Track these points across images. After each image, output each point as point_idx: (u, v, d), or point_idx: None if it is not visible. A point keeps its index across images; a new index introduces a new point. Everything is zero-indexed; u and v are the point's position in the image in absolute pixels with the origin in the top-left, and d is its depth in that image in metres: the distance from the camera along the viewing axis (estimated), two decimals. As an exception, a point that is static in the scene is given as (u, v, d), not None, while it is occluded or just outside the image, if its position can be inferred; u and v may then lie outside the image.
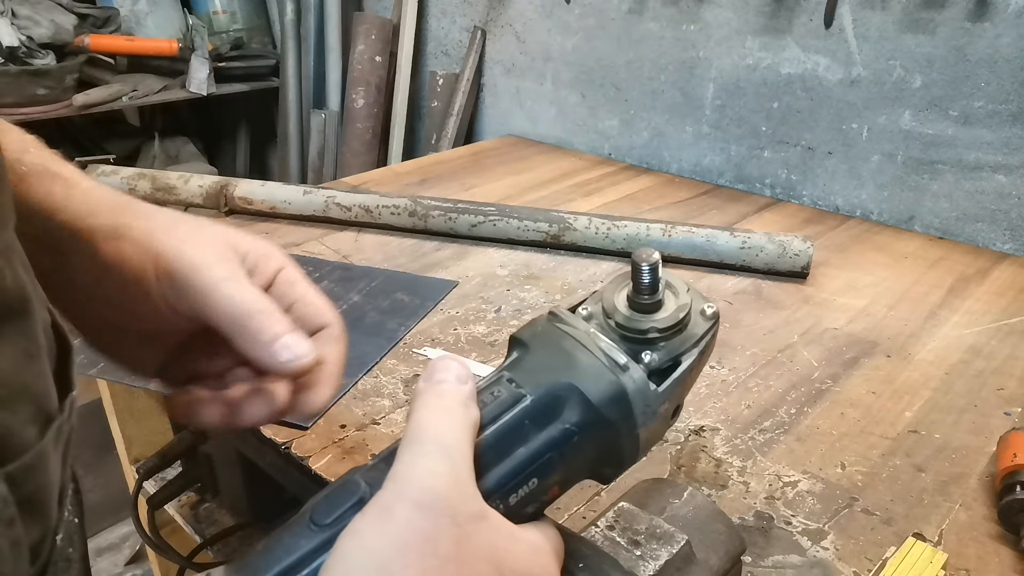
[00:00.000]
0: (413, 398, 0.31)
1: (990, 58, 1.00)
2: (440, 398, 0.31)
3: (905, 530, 0.54)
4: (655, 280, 0.36)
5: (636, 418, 0.34)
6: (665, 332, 0.36)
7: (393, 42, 1.76)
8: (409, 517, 0.27)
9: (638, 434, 0.34)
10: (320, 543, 0.28)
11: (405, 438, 0.29)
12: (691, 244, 0.94)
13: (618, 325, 0.36)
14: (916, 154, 1.10)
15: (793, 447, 0.63)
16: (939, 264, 0.99)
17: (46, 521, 0.28)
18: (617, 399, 0.34)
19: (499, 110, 1.66)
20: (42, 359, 0.28)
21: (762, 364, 0.75)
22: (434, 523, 0.27)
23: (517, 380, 0.34)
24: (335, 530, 0.28)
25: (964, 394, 0.71)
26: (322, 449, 0.60)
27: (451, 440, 0.29)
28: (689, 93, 1.32)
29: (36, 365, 0.28)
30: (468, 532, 0.28)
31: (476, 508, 0.29)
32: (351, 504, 0.29)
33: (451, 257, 0.96)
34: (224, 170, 2.28)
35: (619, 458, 0.36)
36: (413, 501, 0.27)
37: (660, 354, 0.35)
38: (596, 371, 0.34)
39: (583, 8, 1.41)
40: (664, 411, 0.36)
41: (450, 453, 0.29)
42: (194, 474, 0.84)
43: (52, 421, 0.28)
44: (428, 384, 0.31)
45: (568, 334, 0.35)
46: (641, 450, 0.36)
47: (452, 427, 0.30)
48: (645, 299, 0.36)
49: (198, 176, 1.09)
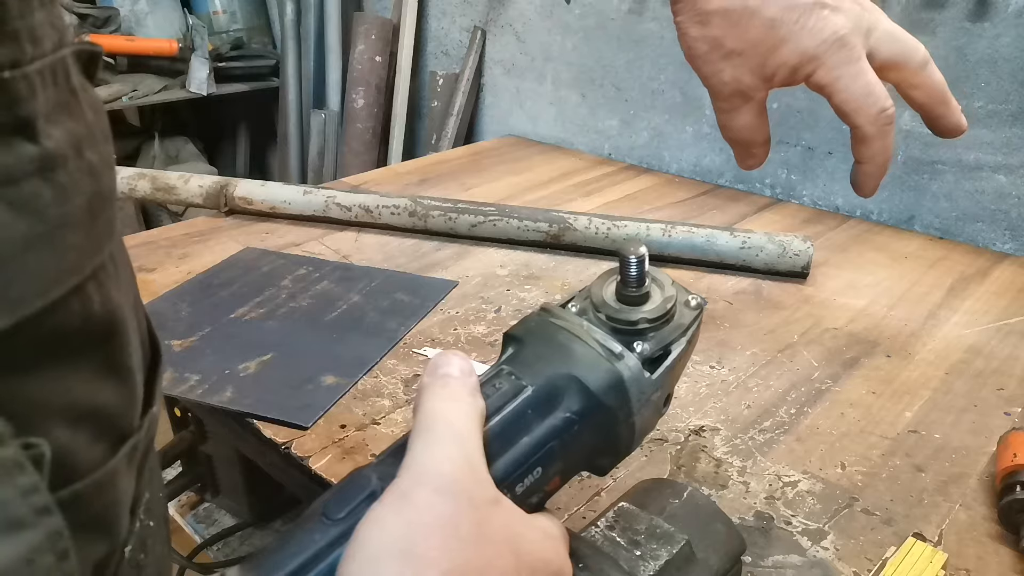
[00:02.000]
0: (418, 392, 0.31)
1: (990, 58, 1.00)
2: (447, 388, 0.31)
3: (905, 530, 0.54)
4: (642, 273, 0.37)
5: (632, 405, 0.35)
6: (655, 322, 0.37)
7: (393, 42, 1.76)
8: (429, 501, 0.27)
9: (634, 421, 0.36)
10: (336, 536, 0.28)
11: (415, 428, 0.30)
12: (691, 244, 0.94)
13: (608, 318, 0.37)
14: (916, 154, 1.10)
15: (793, 447, 0.63)
16: (939, 264, 0.99)
17: (114, 538, 0.27)
18: (615, 386, 0.35)
19: (499, 110, 1.66)
20: (127, 380, 0.27)
21: (762, 364, 0.75)
22: (454, 506, 0.27)
23: (516, 373, 0.35)
24: (350, 523, 0.28)
25: (964, 394, 0.71)
26: (322, 449, 0.60)
27: (462, 427, 0.29)
28: (689, 93, 1.32)
29: (117, 386, 0.27)
30: (486, 515, 0.28)
31: (492, 493, 0.29)
32: (364, 497, 0.29)
33: (451, 257, 0.96)
34: (224, 170, 2.28)
35: (616, 447, 0.37)
36: (431, 486, 0.27)
37: (651, 343, 0.37)
38: (593, 360, 0.35)
39: (583, 8, 1.41)
40: (657, 399, 0.37)
41: (463, 440, 0.29)
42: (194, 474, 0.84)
43: (127, 439, 0.27)
44: (433, 377, 0.32)
45: (562, 327, 0.37)
46: (636, 439, 0.37)
47: (462, 415, 0.30)
48: (633, 291, 0.37)
49: (198, 176, 1.09)
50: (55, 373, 0.23)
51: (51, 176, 0.22)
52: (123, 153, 2.08)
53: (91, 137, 0.24)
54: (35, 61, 0.21)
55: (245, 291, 0.84)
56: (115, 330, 0.26)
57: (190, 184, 1.07)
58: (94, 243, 0.24)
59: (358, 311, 0.81)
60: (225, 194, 1.05)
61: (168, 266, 0.91)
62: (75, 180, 0.23)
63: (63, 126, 0.22)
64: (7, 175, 0.20)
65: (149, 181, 1.07)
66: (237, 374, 0.69)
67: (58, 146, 0.22)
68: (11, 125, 0.20)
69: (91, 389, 0.25)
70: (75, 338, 0.24)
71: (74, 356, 0.24)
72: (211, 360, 0.71)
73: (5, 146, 0.20)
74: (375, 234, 1.02)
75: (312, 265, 0.91)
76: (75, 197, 0.23)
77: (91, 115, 0.25)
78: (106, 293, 0.25)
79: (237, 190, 1.05)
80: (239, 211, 1.06)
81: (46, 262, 0.22)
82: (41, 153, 0.21)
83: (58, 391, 0.23)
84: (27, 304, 0.21)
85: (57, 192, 0.22)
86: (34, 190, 0.21)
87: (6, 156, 0.20)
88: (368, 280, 0.88)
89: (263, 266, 0.91)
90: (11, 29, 0.20)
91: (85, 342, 0.24)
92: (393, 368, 0.71)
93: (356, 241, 1.00)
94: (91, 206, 0.24)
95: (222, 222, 1.05)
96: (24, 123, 0.21)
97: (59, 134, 0.22)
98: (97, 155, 0.25)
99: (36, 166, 0.21)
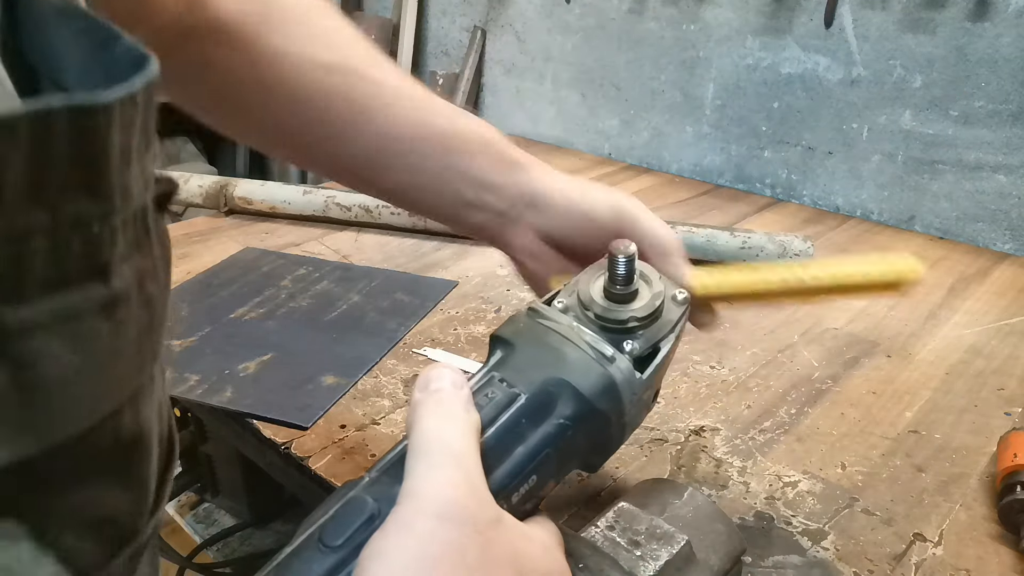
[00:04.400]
0: (411, 408, 0.31)
1: (990, 58, 1.00)
2: (440, 405, 0.30)
3: (905, 530, 0.54)
4: (631, 271, 0.37)
5: (624, 406, 0.35)
6: (644, 321, 0.37)
7: (393, 42, 1.76)
8: (432, 529, 0.26)
9: (625, 422, 0.36)
10: (334, 565, 0.27)
11: (412, 449, 0.29)
12: (691, 244, 0.94)
13: (597, 316, 0.37)
14: (916, 154, 1.10)
15: (793, 447, 0.63)
16: (939, 264, 0.99)
17: None
18: (607, 390, 0.34)
19: (499, 110, 1.66)
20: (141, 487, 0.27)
21: (762, 364, 0.75)
22: (459, 532, 0.26)
23: (508, 379, 0.34)
24: (347, 550, 0.27)
25: (964, 394, 0.71)
26: (322, 449, 0.60)
27: (460, 447, 0.29)
28: (689, 93, 1.32)
29: (129, 495, 0.26)
30: (490, 538, 0.27)
31: (493, 513, 0.29)
32: (361, 522, 0.28)
33: (451, 257, 0.96)
34: (224, 170, 2.28)
35: (607, 446, 0.37)
36: (434, 513, 0.27)
37: (640, 342, 0.36)
38: (585, 364, 0.35)
39: (583, 8, 1.41)
40: (647, 397, 0.37)
41: (462, 461, 0.29)
42: (194, 474, 0.84)
43: (130, 543, 0.26)
44: (425, 393, 0.31)
45: (552, 329, 0.36)
46: (625, 436, 0.37)
47: (458, 434, 0.29)
48: (621, 289, 0.37)
49: (198, 176, 1.09)
50: (78, 490, 0.23)
51: (112, 313, 0.22)
52: (123, 153, 2.08)
53: (154, 270, 0.24)
54: (122, 212, 0.21)
55: (245, 291, 0.84)
56: (140, 445, 0.26)
57: (190, 184, 1.07)
58: (137, 368, 0.24)
59: (358, 311, 0.81)
60: (225, 194, 1.05)
61: (168, 266, 0.91)
62: (132, 314, 0.23)
63: (133, 264, 0.22)
64: (74, 313, 0.20)
65: (149, 181, 1.07)
66: (237, 374, 0.68)
67: (125, 285, 0.22)
68: (88, 271, 0.20)
69: (111, 500, 0.25)
70: (103, 456, 0.23)
71: (99, 474, 0.24)
72: (211, 360, 0.71)
73: (79, 289, 0.20)
74: (375, 234, 1.02)
75: (312, 265, 0.91)
76: (130, 331, 0.23)
77: (159, 249, 0.24)
78: (138, 412, 0.25)
79: (237, 190, 1.05)
80: (239, 211, 1.06)
81: (90, 392, 0.21)
82: (109, 294, 0.21)
83: (76, 505, 0.23)
84: (60, 432, 0.21)
85: (114, 327, 0.22)
86: (94, 326, 0.21)
87: (76, 296, 0.20)
88: (368, 280, 0.88)
89: (263, 266, 0.90)
90: (107, 184, 0.20)
91: (111, 460, 0.24)
92: (393, 368, 0.71)
93: (356, 241, 1.00)
94: (140, 336, 0.23)
95: (222, 222, 1.05)
96: (101, 268, 0.21)
97: (128, 272, 0.22)
98: (156, 287, 0.24)
99: (100, 305, 0.21)
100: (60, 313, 0.19)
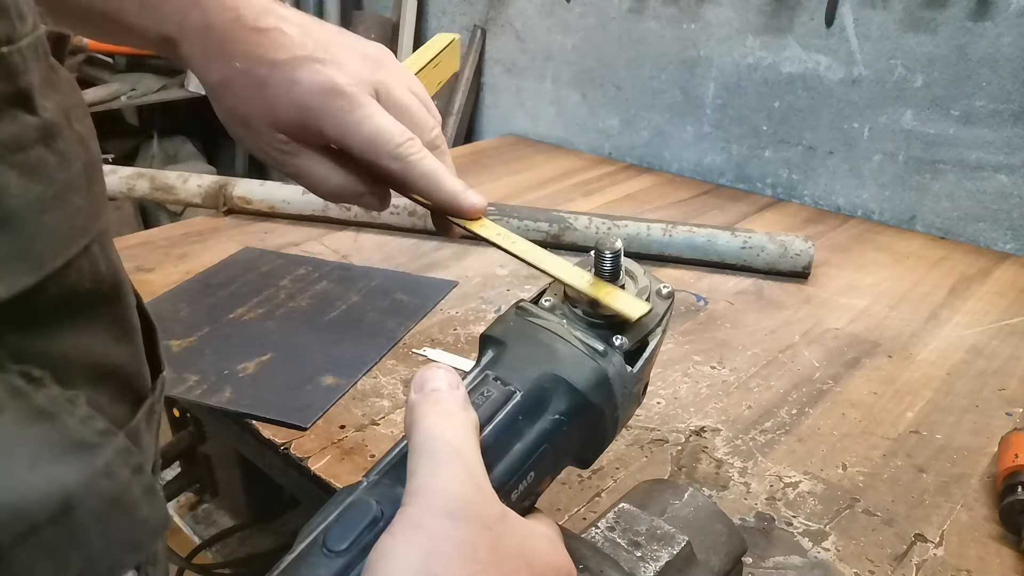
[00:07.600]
0: (409, 410, 0.31)
1: (991, 57, 1.00)
2: (439, 405, 0.30)
3: (906, 531, 0.54)
4: (617, 267, 0.37)
5: (617, 400, 0.35)
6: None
7: (393, 41, 1.76)
8: (443, 527, 0.26)
9: (618, 415, 0.36)
10: (340, 569, 0.27)
11: (414, 450, 0.29)
12: (692, 244, 0.94)
13: (585, 313, 0.37)
14: (917, 154, 1.10)
15: (794, 448, 0.63)
16: (940, 264, 0.99)
17: None
18: (600, 384, 0.35)
19: (499, 109, 1.65)
20: (135, 341, 0.29)
21: (763, 364, 0.75)
22: (468, 529, 0.27)
23: (503, 377, 0.34)
24: (353, 554, 0.27)
25: (965, 394, 0.71)
26: (321, 450, 0.60)
27: (462, 445, 0.29)
28: (690, 92, 1.32)
29: (128, 347, 0.28)
30: (499, 533, 0.28)
31: (498, 509, 0.29)
32: (365, 525, 0.28)
33: (451, 257, 0.96)
34: (223, 170, 2.28)
35: (600, 440, 0.37)
36: (443, 511, 0.27)
37: (629, 337, 0.36)
38: (577, 360, 0.35)
39: (583, 7, 1.41)
40: (637, 390, 0.37)
41: (465, 458, 0.29)
42: (193, 475, 0.84)
43: (144, 400, 0.29)
44: (422, 394, 0.31)
45: (542, 327, 0.36)
46: (617, 430, 0.37)
47: (459, 432, 0.30)
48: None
49: (197, 176, 1.09)
50: (74, 331, 0.25)
51: (52, 144, 0.23)
52: (121, 153, 2.07)
53: (77, 108, 0.26)
54: (24, 38, 0.23)
55: (244, 291, 0.84)
56: (120, 291, 0.28)
57: (189, 184, 1.07)
58: (94, 207, 0.26)
59: (357, 311, 0.80)
60: (224, 194, 1.05)
61: (167, 266, 0.90)
62: (71, 148, 0.25)
63: (53, 99, 0.24)
64: (17, 143, 0.22)
65: (148, 181, 1.07)
66: (236, 374, 0.68)
67: (53, 117, 0.24)
68: (13, 97, 0.22)
69: (106, 349, 0.27)
70: (88, 297, 0.25)
71: (88, 315, 0.25)
72: (210, 360, 0.70)
73: (10, 117, 0.22)
74: (374, 234, 1.02)
75: (311, 265, 0.91)
76: (73, 164, 0.25)
77: (70, 90, 0.26)
78: (109, 255, 0.27)
79: (236, 189, 1.05)
80: (238, 211, 1.06)
81: (59, 222, 0.23)
82: (41, 123, 0.23)
83: (79, 348, 0.25)
84: (48, 262, 0.23)
85: (59, 158, 0.24)
86: (40, 156, 0.23)
87: (12, 126, 0.22)
88: (367, 280, 0.88)
89: (262, 266, 0.90)
90: (3, 5, 0.22)
91: (96, 302, 0.26)
92: (392, 368, 0.71)
93: (355, 241, 1.00)
94: (87, 172, 0.25)
95: (221, 222, 1.04)
96: (24, 95, 0.23)
97: (51, 106, 0.24)
98: (84, 126, 0.26)
99: (39, 135, 0.23)
100: (6, 143, 0.21)
